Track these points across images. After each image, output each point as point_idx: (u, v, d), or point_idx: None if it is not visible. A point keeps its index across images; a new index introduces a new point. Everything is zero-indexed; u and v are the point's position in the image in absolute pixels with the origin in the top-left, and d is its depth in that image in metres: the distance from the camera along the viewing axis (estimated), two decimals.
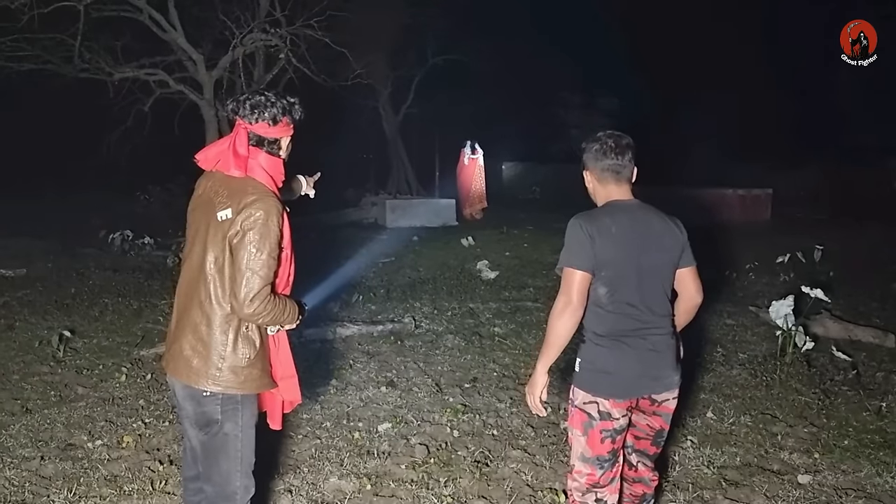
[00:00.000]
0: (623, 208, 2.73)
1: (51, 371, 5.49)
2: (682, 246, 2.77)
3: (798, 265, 9.28)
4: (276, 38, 11.70)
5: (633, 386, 2.71)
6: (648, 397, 2.76)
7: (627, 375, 2.68)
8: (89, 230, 12.50)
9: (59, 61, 11.88)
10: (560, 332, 2.63)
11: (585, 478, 2.75)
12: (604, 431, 2.70)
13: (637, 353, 2.68)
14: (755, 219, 14.09)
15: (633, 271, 2.66)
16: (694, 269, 2.82)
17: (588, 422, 2.71)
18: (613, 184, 2.75)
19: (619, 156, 2.72)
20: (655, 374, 2.73)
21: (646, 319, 2.69)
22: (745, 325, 7.02)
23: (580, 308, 2.63)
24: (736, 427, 4.56)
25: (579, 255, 2.62)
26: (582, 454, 2.75)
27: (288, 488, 3.69)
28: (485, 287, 8.80)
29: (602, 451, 2.72)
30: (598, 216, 2.70)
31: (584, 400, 2.72)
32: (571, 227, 2.67)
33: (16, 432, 4.30)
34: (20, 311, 7.26)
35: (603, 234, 2.62)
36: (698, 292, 2.83)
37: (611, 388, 2.69)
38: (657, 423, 2.85)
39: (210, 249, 2.43)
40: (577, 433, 2.76)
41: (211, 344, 2.45)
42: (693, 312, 2.89)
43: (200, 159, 2.53)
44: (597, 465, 2.73)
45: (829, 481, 3.84)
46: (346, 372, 5.57)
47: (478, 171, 16.93)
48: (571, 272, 2.62)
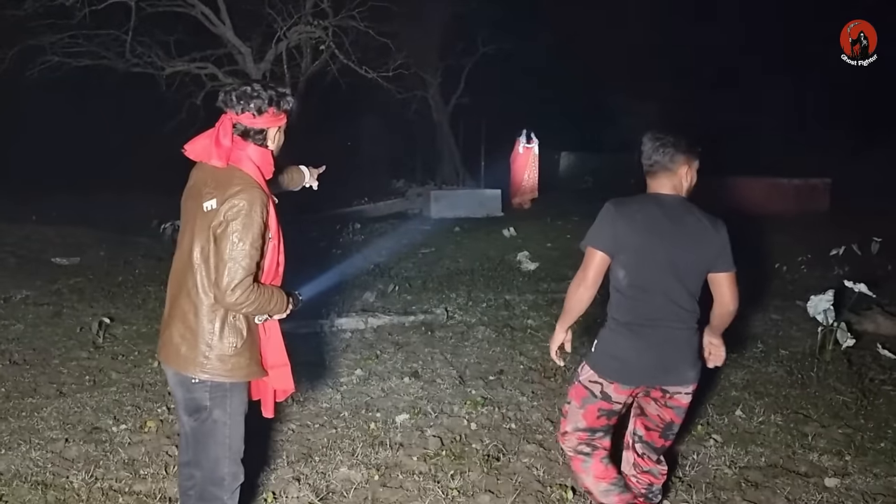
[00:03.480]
0: (659, 201, 2.79)
1: (89, 356, 5.67)
2: (718, 249, 2.76)
3: (854, 258, 8.87)
4: (319, 29, 11.80)
5: (641, 375, 2.80)
6: (659, 388, 2.83)
7: (636, 364, 2.78)
8: (144, 220, 12.88)
9: (113, 56, 12.28)
10: (573, 302, 2.82)
11: (576, 438, 2.94)
12: (600, 410, 2.86)
13: (650, 344, 2.75)
14: (812, 209, 13.49)
15: (654, 261, 2.70)
16: (731, 275, 2.80)
17: (588, 398, 2.86)
18: (660, 178, 2.82)
19: (660, 153, 2.79)
20: (668, 366, 2.79)
21: (664, 311, 2.73)
22: (792, 320, 6.74)
23: (593, 285, 2.78)
24: (765, 426, 4.38)
25: (600, 236, 2.75)
26: (576, 424, 2.92)
27: (297, 476, 3.72)
28: (523, 278, 8.71)
29: (596, 425, 2.90)
30: (628, 202, 2.81)
31: (590, 378, 2.85)
32: (602, 209, 2.81)
33: (47, 415, 4.46)
34: (69, 297, 7.53)
35: (627, 219, 2.72)
36: (733, 301, 2.82)
37: (617, 373, 2.80)
38: (668, 416, 2.90)
39: (197, 239, 2.46)
40: (575, 405, 2.92)
41: (198, 332, 2.48)
42: (727, 320, 2.90)
43: (188, 150, 2.56)
44: (590, 432, 2.92)
45: (857, 485, 3.66)
46: (373, 362, 5.59)
47: (532, 160, 16.78)
48: (591, 251, 2.77)
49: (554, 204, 15.97)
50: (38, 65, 12.17)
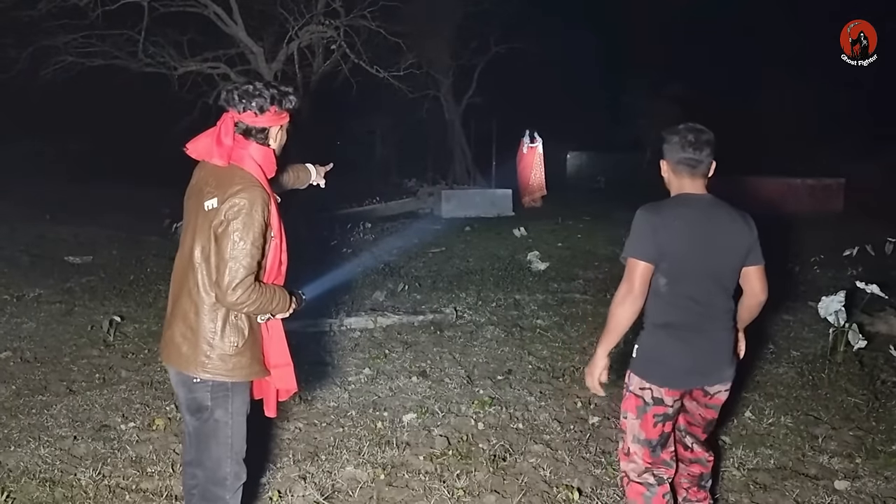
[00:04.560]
0: (691, 202, 2.75)
1: (99, 354, 5.71)
2: (750, 244, 2.76)
3: (867, 259, 8.78)
4: (330, 29, 11.82)
5: (686, 378, 2.79)
6: (702, 389, 2.83)
7: (680, 367, 2.75)
8: (156, 219, 12.95)
9: (126, 56, 12.36)
10: (620, 319, 2.70)
11: (641, 458, 2.83)
12: (656, 416, 2.79)
13: (692, 347, 2.75)
14: (826, 209, 13.40)
15: (694, 266, 2.69)
16: (761, 268, 2.82)
17: (642, 406, 2.80)
18: (687, 177, 2.76)
19: (697, 150, 2.72)
20: (709, 368, 2.80)
21: (705, 314, 2.74)
22: (804, 321, 6.68)
23: (641, 297, 2.69)
24: (775, 428, 4.34)
25: (642, 245, 2.67)
26: (636, 436, 2.83)
27: (303, 475, 3.72)
28: (533, 278, 8.69)
29: (654, 435, 2.81)
30: (663, 208, 2.74)
31: (639, 385, 2.81)
32: (637, 217, 2.72)
33: (56, 412, 4.49)
34: (81, 296, 7.58)
35: (667, 226, 2.67)
36: (763, 291, 2.84)
37: (661, 377, 2.77)
38: (709, 415, 2.92)
39: (198, 239, 2.46)
40: (631, 416, 2.84)
41: (199, 331, 2.48)
42: (757, 310, 2.93)
43: (190, 149, 2.56)
44: (650, 447, 2.82)
45: (868, 488, 3.62)
46: (381, 361, 5.59)
47: (537, 160, 16.75)
48: (634, 262, 2.68)
49: (565, 204, 15.95)
50: (53, 64, 12.28)
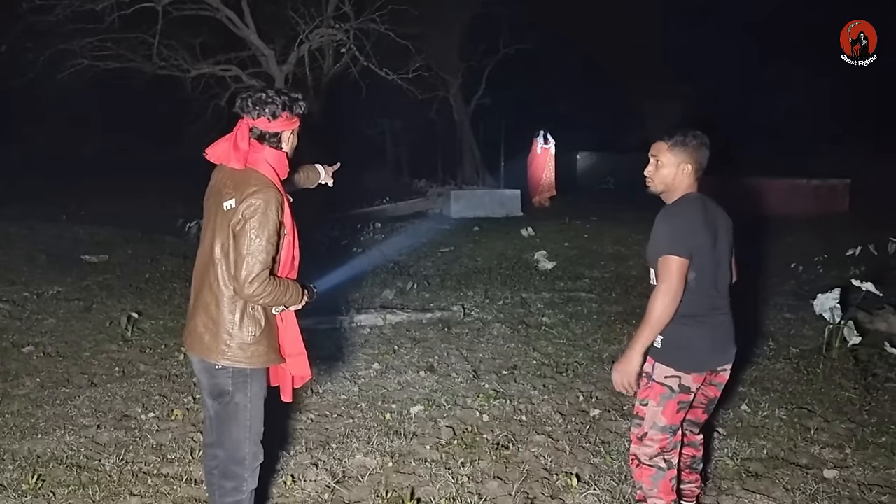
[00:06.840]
0: (703, 200, 2.98)
1: (118, 349, 5.92)
2: (733, 233, 3.05)
3: (870, 258, 8.89)
4: (340, 32, 12.03)
5: (709, 360, 2.98)
6: (713, 368, 3.02)
7: (704, 350, 2.94)
8: (170, 219, 13.20)
9: (140, 59, 12.61)
10: (661, 314, 2.84)
11: (657, 444, 2.98)
12: (680, 403, 2.95)
13: (711, 331, 2.96)
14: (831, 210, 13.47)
15: (711, 258, 2.92)
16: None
17: (667, 394, 2.94)
18: (697, 177, 2.98)
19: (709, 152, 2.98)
20: (725, 347, 3.04)
21: (718, 301, 2.98)
22: (804, 319, 6.80)
23: (680, 292, 2.83)
24: (769, 420, 4.49)
25: (683, 245, 2.83)
26: (655, 423, 2.97)
27: (315, 462, 3.91)
28: (540, 277, 8.85)
29: (675, 421, 2.97)
30: (689, 208, 2.93)
31: (666, 374, 2.94)
32: (670, 217, 2.91)
33: (80, 403, 4.70)
34: (99, 293, 7.80)
35: (697, 225, 2.88)
36: (737, 274, 3.13)
37: (690, 362, 2.92)
38: (712, 393, 3.11)
39: (218, 236, 2.66)
40: (653, 404, 2.97)
41: (220, 322, 2.67)
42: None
43: (209, 153, 2.75)
44: (669, 432, 2.98)
45: (856, 477, 3.76)
46: (390, 357, 5.77)
47: (549, 160, 16.93)
48: (676, 260, 2.83)
49: (573, 204, 16.08)
50: (69, 68, 12.55)
